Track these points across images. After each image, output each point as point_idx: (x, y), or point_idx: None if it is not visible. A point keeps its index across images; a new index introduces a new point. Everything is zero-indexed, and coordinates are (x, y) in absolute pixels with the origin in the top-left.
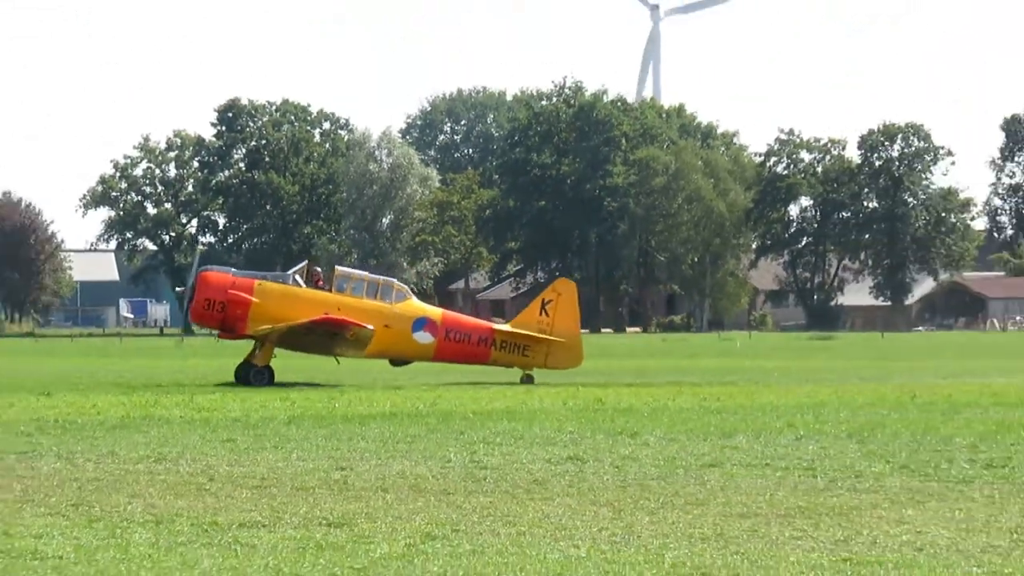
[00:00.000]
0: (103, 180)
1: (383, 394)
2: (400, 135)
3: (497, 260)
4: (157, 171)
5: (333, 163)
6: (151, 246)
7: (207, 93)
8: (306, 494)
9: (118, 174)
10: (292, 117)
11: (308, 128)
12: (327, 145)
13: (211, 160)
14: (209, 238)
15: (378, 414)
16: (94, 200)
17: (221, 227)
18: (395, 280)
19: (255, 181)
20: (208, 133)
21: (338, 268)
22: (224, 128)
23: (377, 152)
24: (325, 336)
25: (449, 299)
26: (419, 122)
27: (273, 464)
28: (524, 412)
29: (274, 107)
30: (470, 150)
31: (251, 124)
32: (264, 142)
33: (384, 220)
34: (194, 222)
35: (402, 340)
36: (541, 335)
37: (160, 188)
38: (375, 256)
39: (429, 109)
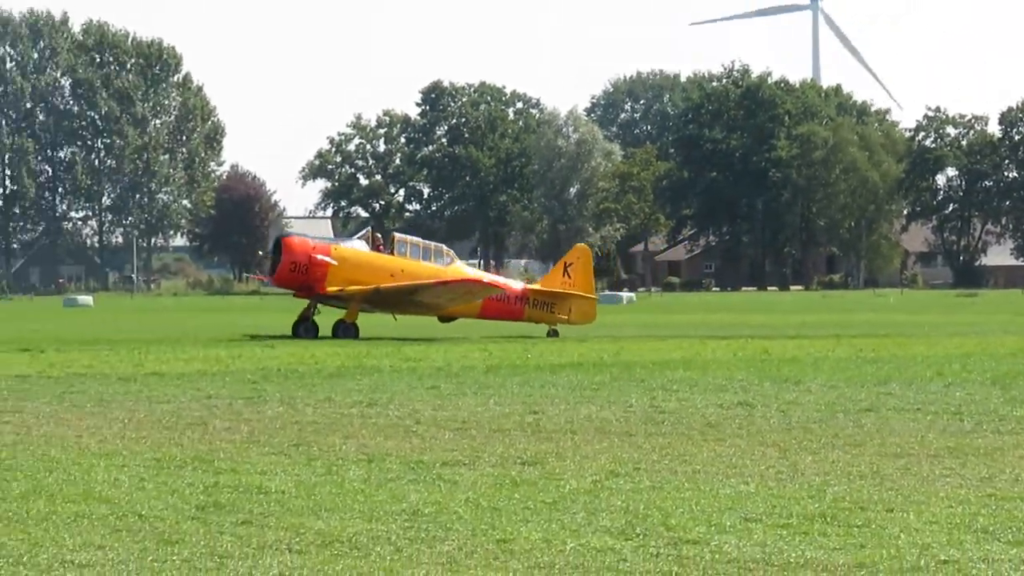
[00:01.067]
0: (320, 155)
1: (572, 346)
2: (585, 113)
3: (673, 225)
4: (368, 146)
5: (525, 139)
6: (363, 213)
7: (413, 76)
8: (502, 435)
9: (334, 149)
10: (489, 97)
11: (503, 107)
12: (520, 122)
13: (416, 136)
14: (415, 206)
15: (567, 364)
16: (312, 172)
17: (425, 196)
18: (444, 246)
19: (456, 155)
20: (414, 112)
21: (396, 235)
22: (428, 108)
23: (565, 129)
24: (441, 293)
25: (630, 260)
26: (603, 102)
27: (473, 408)
28: (698, 362)
29: (472, 88)
30: (648, 127)
31: (452, 104)
32: (464, 120)
33: (571, 189)
34: (401, 192)
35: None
36: (566, 291)
37: (371, 161)
38: (563, 222)
39: (612, 90)
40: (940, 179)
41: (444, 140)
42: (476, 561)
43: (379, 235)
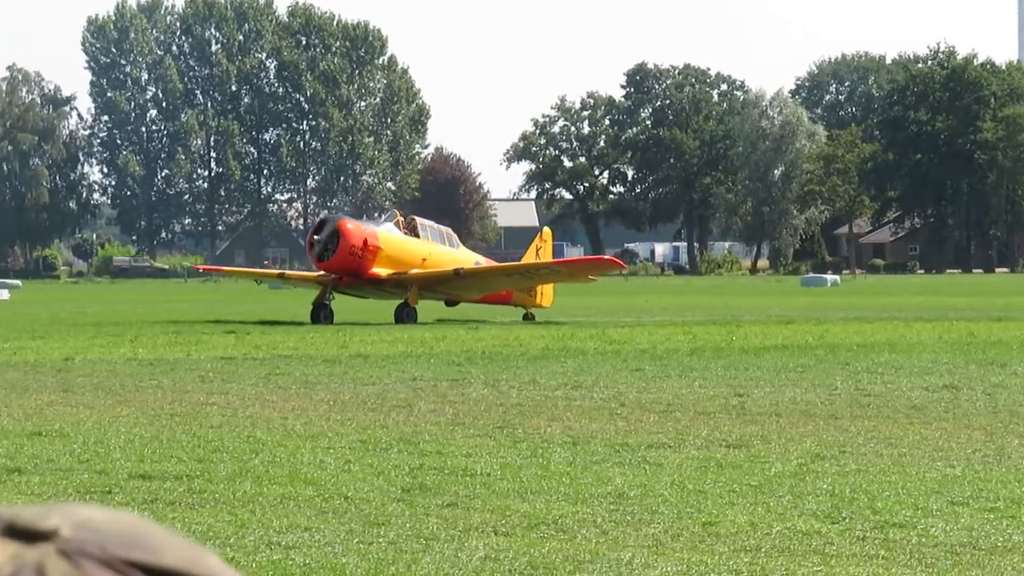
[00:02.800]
0: (525, 137)
1: (776, 328)
2: (790, 95)
3: (878, 208)
4: (572, 128)
5: (730, 121)
6: (567, 195)
7: (617, 58)
8: (707, 418)
9: (538, 131)
10: (693, 79)
11: (707, 89)
12: (724, 104)
13: (621, 118)
14: (619, 188)
15: (772, 346)
16: (517, 154)
17: (629, 179)
18: (448, 228)
19: (660, 137)
20: (618, 94)
21: (417, 218)
22: (632, 90)
23: (769, 111)
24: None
25: (834, 242)
26: (807, 83)
27: (677, 391)
28: (903, 344)
29: (677, 71)
30: (853, 108)
31: (656, 86)
32: (668, 102)
33: (776, 172)
34: (605, 174)
35: None
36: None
37: (575, 144)
38: (767, 204)
39: (816, 72)
40: None
41: (648, 122)
42: (682, 544)
43: (402, 218)
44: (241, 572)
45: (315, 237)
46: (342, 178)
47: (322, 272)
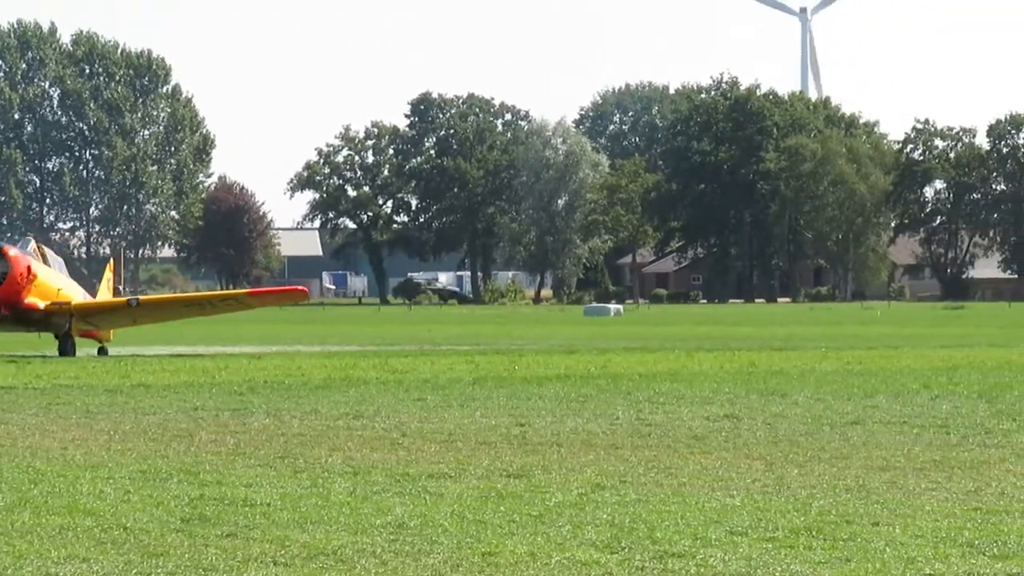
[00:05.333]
0: (308, 166)
1: (558, 358)
2: (574, 125)
3: (661, 237)
4: (356, 158)
5: (513, 150)
6: (351, 224)
7: (401, 88)
8: (488, 448)
9: (322, 160)
10: (477, 109)
11: (491, 119)
12: (508, 134)
13: (405, 148)
14: (403, 217)
15: (554, 376)
16: (300, 184)
17: (414, 208)
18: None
19: (444, 167)
20: (402, 124)
21: (42, 245)
22: (416, 119)
23: (553, 140)
24: None
25: (618, 272)
26: (591, 113)
27: (459, 421)
28: (685, 374)
29: (461, 100)
30: (637, 139)
31: (440, 115)
32: (452, 131)
33: (560, 201)
34: (389, 203)
35: None
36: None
37: (359, 173)
38: (551, 233)
39: (600, 102)
40: (928, 191)
41: (432, 152)
42: (462, 574)
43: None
44: None
45: None
46: (125, 207)
47: None
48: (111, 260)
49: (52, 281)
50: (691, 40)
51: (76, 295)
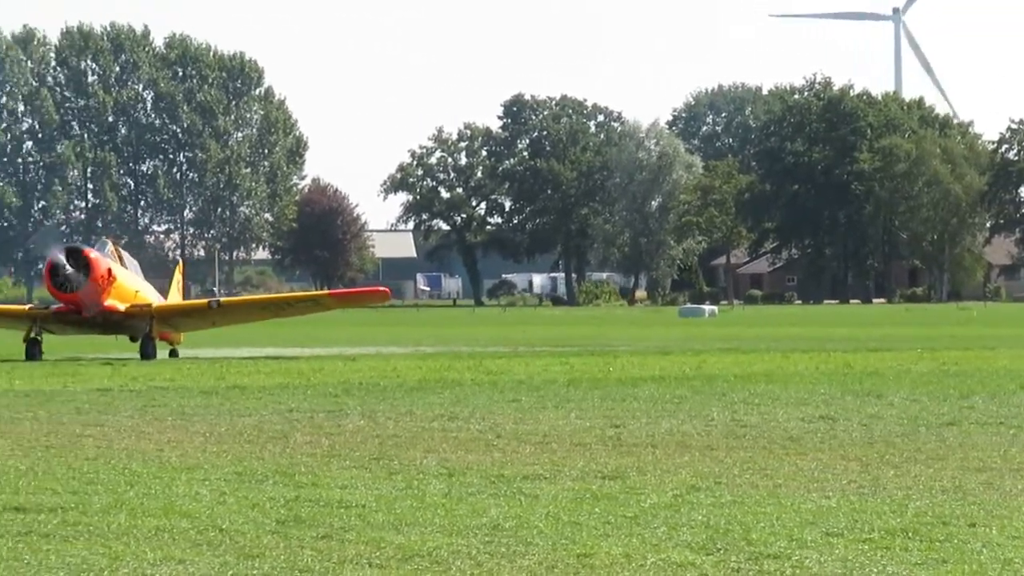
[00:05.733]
0: (402, 168)
1: (653, 359)
2: (667, 126)
3: (755, 238)
4: (450, 159)
5: (607, 152)
6: (444, 226)
7: (494, 89)
8: (583, 449)
9: (415, 162)
10: (570, 111)
11: (584, 120)
12: (601, 135)
13: (498, 149)
14: (496, 219)
15: (648, 377)
16: (394, 186)
17: (507, 209)
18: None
19: (537, 168)
20: (495, 125)
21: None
22: (509, 120)
23: (646, 141)
24: None
25: (712, 273)
26: (684, 114)
27: (554, 422)
28: (780, 375)
29: (554, 102)
30: (730, 139)
31: (534, 117)
32: (545, 133)
33: (653, 203)
34: (483, 205)
35: None
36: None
37: (452, 175)
38: (645, 235)
39: (693, 103)
40: (1023, 191)
41: (525, 153)
42: (557, 575)
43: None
44: None
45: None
46: (219, 209)
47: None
48: (179, 262)
49: (130, 283)
50: (784, 40)
51: (153, 297)
